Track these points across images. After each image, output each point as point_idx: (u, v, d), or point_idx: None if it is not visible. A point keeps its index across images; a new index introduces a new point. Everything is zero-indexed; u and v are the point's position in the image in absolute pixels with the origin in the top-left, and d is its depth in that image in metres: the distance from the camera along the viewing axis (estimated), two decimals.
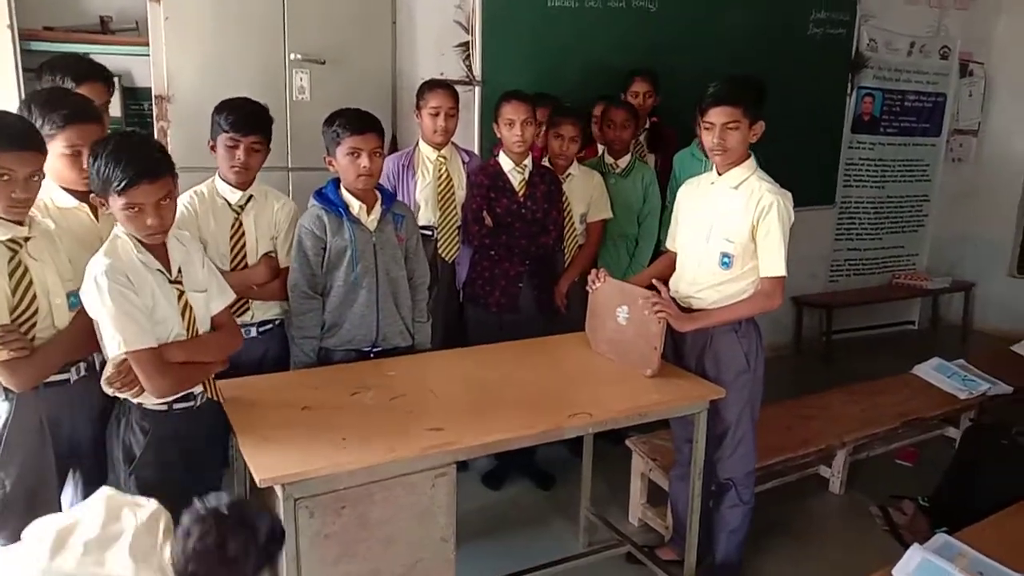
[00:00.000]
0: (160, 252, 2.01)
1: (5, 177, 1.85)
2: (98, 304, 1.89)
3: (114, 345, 1.90)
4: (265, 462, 1.87)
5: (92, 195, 1.98)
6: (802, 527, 3.30)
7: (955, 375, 3.96)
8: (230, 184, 2.61)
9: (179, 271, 2.04)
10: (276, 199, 2.73)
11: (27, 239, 1.94)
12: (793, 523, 3.32)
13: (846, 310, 5.60)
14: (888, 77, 5.57)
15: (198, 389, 2.08)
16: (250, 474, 1.88)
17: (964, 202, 6.16)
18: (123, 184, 1.85)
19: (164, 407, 2.02)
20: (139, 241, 1.96)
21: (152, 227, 1.92)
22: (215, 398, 2.13)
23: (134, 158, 1.88)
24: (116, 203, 1.89)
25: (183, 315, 2.02)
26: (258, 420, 2.09)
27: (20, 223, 1.93)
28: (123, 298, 1.88)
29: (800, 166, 5.02)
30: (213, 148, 2.60)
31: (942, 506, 3.21)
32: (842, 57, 5.29)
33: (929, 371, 4.02)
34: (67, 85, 2.50)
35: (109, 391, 1.97)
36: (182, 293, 2.03)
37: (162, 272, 1.99)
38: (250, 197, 2.63)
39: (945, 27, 5.73)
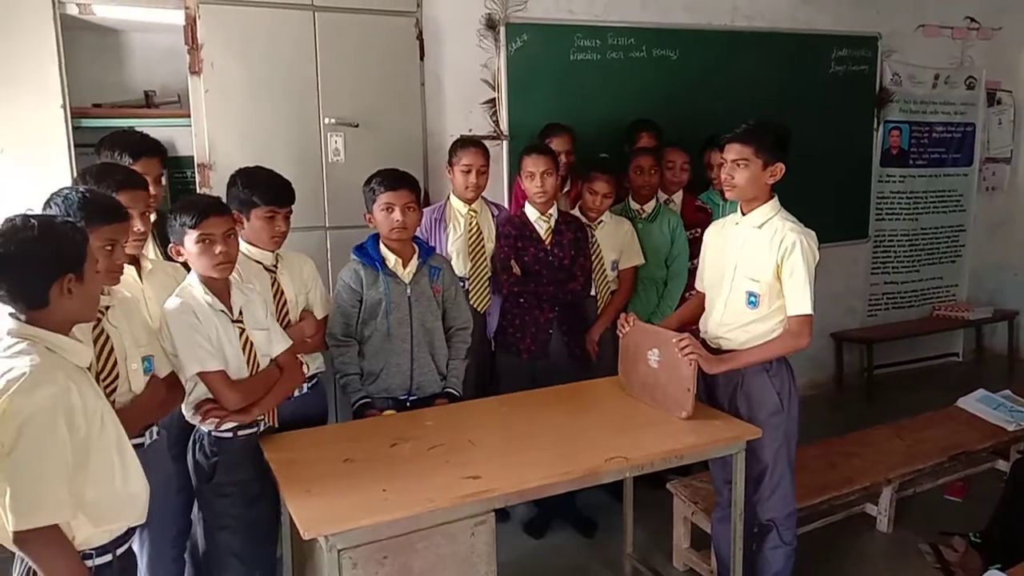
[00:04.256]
0: (223, 295, 2.31)
1: (108, 248, 1.97)
2: (171, 338, 2.20)
3: (192, 367, 2.20)
4: (309, 514, 1.92)
5: (170, 246, 2.31)
6: (850, 567, 3.24)
7: (1001, 406, 3.88)
8: (260, 249, 2.66)
9: (240, 312, 2.32)
10: (298, 257, 2.82)
11: (108, 308, 2.04)
12: (841, 563, 3.26)
13: (887, 344, 5.52)
14: (914, 110, 5.58)
15: (259, 416, 2.35)
16: (295, 525, 1.93)
17: (1001, 230, 6.10)
18: (195, 218, 2.21)
19: (230, 434, 2.31)
20: (206, 286, 2.27)
21: (220, 255, 2.23)
22: (274, 424, 2.41)
23: (202, 200, 2.33)
24: (190, 238, 2.22)
25: (244, 350, 2.30)
26: (301, 473, 2.15)
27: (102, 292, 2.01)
28: (192, 329, 2.21)
29: (831, 202, 5.08)
30: (240, 221, 2.58)
31: (995, 542, 3.14)
32: (866, 92, 5.32)
33: (974, 403, 3.95)
34: (125, 160, 2.64)
35: (194, 418, 2.29)
36: (243, 331, 2.32)
37: (225, 313, 2.29)
38: (278, 256, 2.71)
39: (969, 57, 5.74)
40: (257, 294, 2.44)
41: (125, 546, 1.83)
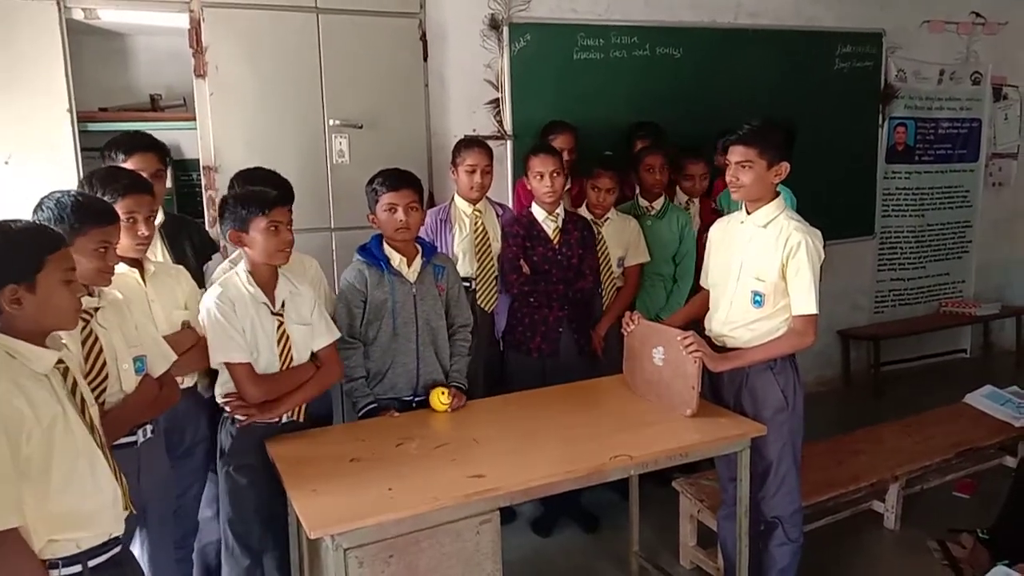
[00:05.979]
0: (269, 287, 2.41)
1: (101, 250, 1.99)
2: (206, 324, 2.33)
3: (217, 356, 2.35)
4: (315, 514, 1.94)
5: (228, 232, 2.38)
6: (858, 564, 3.24)
7: (1008, 402, 3.88)
8: None
9: (282, 305, 2.42)
10: (303, 258, 2.83)
11: (97, 309, 2.05)
12: (848, 560, 3.26)
13: (894, 341, 5.51)
14: (920, 106, 5.56)
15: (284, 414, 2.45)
16: (301, 524, 1.94)
17: (1008, 226, 6.09)
18: (267, 207, 2.34)
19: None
20: (252, 275, 2.39)
21: (287, 242, 2.38)
22: (299, 419, 2.49)
23: (265, 189, 2.45)
24: (258, 225, 2.33)
25: (278, 343, 2.40)
26: (308, 473, 2.16)
27: (91, 294, 2.03)
28: (225, 319, 2.33)
29: (837, 199, 5.06)
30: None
31: (1002, 538, 3.13)
32: (871, 89, 5.30)
33: (981, 399, 3.95)
34: (118, 158, 2.66)
35: (223, 401, 2.42)
36: (281, 323, 2.41)
37: (266, 305, 2.39)
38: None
39: (975, 53, 5.71)
40: (307, 287, 2.52)
41: (103, 557, 1.75)
